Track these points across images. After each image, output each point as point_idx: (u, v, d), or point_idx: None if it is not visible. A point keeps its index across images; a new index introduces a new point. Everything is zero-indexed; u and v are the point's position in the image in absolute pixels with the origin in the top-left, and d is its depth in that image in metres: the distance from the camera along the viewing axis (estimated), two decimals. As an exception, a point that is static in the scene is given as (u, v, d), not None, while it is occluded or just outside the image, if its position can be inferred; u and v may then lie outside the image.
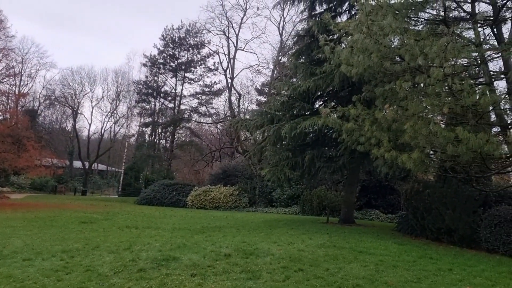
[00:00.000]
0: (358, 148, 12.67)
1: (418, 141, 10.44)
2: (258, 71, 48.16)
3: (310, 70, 17.35)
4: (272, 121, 17.73)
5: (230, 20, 42.21)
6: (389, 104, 11.55)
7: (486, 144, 9.21)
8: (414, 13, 12.77)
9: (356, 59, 11.57)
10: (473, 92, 9.89)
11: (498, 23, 12.08)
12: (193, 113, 50.97)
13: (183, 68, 50.68)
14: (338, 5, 18.45)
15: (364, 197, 24.48)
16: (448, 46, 9.50)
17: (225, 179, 31.05)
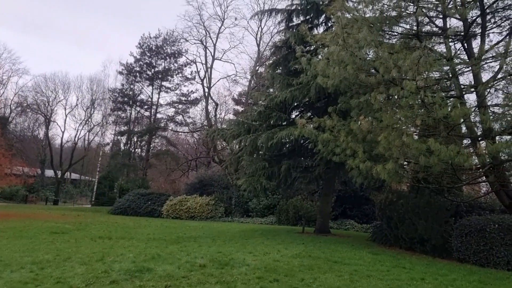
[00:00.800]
0: (334, 159, 12.80)
1: (392, 152, 10.63)
2: (235, 81, 48.26)
3: (287, 80, 17.50)
4: (249, 131, 17.76)
5: (207, 29, 42.35)
6: (364, 115, 11.74)
7: (457, 155, 9.45)
8: (389, 27, 13.07)
9: (332, 70, 11.75)
10: (445, 104, 10.16)
11: (468, 38, 12.46)
12: (170, 122, 50.65)
13: (160, 77, 50.39)
14: (315, 17, 18.72)
15: (340, 207, 24.68)
16: (421, 59, 9.75)
17: (201, 188, 30.86)
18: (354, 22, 12.04)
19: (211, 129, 24.27)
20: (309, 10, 18.43)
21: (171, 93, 51.53)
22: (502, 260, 10.52)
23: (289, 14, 19.25)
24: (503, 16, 12.88)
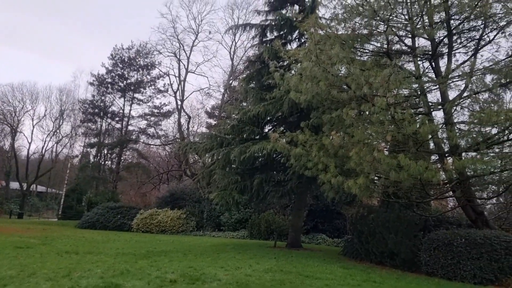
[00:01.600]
0: (306, 173, 12.89)
1: (363, 167, 10.79)
2: (208, 94, 48.19)
3: (260, 95, 17.61)
4: (222, 144, 17.73)
5: (181, 42, 42.32)
6: (336, 130, 11.91)
7: (425, 171, 9.67)
8: (360, 44, 13.37)
9: (305, 86, 11.89)
10: (414, 121, 10.41)
11: (436, 58, 12.88)
12: (141, 135, 50.02)
13: (132, 89, 49.86)
14: (288, 33, 18.98)
15: (311, 221, 24.80)
16: (391, 77, 10.00)
17: (173, 202, 30.49)
18: (327, 39, 12.27)
19: (184, 142, 24.14)
20: (282, 26, 18.68)
21: (144, 105, 51.00)
22: (469, 274, 10.76)
23: (263, 29, 19.46)
24: (468, 37, 13.38)
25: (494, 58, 12.64)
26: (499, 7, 11.97)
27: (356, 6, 12.65)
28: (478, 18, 12.40)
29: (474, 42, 13.09)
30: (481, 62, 12.78)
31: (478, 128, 11.84)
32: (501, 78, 12.17)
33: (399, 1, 12.46)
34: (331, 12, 13.77)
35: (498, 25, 12.43)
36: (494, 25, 12.51)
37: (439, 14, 12.69)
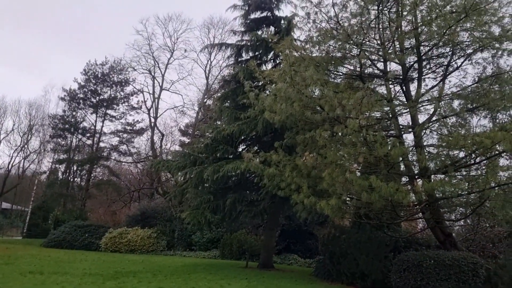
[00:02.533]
0: (279, 193, 12.91)
1: (336, 188, 10.89)
2: (182, 112, 47.93)
3: (234, 114, 17.65)
4: (195, 163, 17.62)
5: (156, 60, 42.20)
6: (309, 151, 12.03)
7: (396, 192, 9.83)
8: (334, 67, 13.65)
9: (279, 106, 12.00)
10: (385, 143, 10.62)
11: (406, 82, 13.25)
12: (113, 151, 49.13)
13: (104, 105, 49.13)
14: (263, 54, 19.21)
15: (284, 241, 24.71)
16: (364, 99, 10.21)
17: (143, 221, 29.91)
18: (302, 61, 12.48)
19: (156, 160, 23.83)
20: (258, 47, 18.91)
21: (116, 122, 50.21)
22: (438, 295, 10.90)
23: (238, 49, 19.64)
24: (437, 63, 13.86)
25: (461, 84, 13.14)
26: (466, 35, 12.48)
27: (330, 29, 12.95)
28: (446, 45, 12.87)
29: (443, 68, 13.56)
30: (449, 87, 13.25)
31: (446, 151, 12.17)
32: (468, 103, 12.62)
33: (371, 27, 12.83)
34: (306, 34, 14.05)
35: (465, 53, 12.93)
36: (461, 52, 13.01)
37: (409, 40, 13.12)
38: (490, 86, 12.50)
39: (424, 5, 12.58)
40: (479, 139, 9.84)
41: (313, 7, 13.12)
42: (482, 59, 12.92)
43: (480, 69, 13.01)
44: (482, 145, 9.93)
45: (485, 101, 11.99)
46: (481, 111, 12.79)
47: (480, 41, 12.14)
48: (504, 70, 12.45)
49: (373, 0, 12.45)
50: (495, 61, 12.74)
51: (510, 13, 11.93)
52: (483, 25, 11.91)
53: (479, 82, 12.71)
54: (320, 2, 12.96)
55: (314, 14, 13.27)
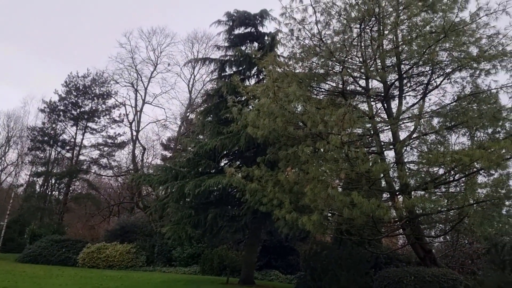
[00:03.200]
0: (261, 209, 12.86)
1: (318, 204, 10.90)
2: (165, 126, 47.63)
3: (217, 129, 17.61)
4: (177, 177, 17.46)
5: (139, 73, 42.01)
6: (291, 167, 12.05)
7: (377, 208, 9.90)
8: (317, 83, 13.79)
9: (262, 121, 12.03)
10: (367, 160, 10.71)
11: (388, 99, 13.44)
12: (93, 165, 48.37)
13: (85, 117, 48.50)
14: (247, 69, 19.28)
15: (265, 257, 24.52)
16: (346, 116, 10.31)
17: (123, 235, 29.38)
18: (285, 77, 12.57)
19: (137, 174, 23.60)
20: (242, 62, 18.98)
21: (97, 135, 49.53)
22: (418, 312, 10.92)
23: (222, 64, 19.69)
24: (417, 81, 14.13)
25: (441, 102, 13.41)
26: (445, 55, 12.79)
27: (313, 46, 13.11)
28: (426, 64, 13.15)
29: (423, 86, 13.82)
30: (429, 105, 13.52)
31: (426, 168, 12.35)
32: (447, 121, 12.87)
33: (354, 44, 13.04)
34: (289, 51, 14.19)
35: (444, 72, 13.23)
36: (440, 71, 13.30)
37: (391, 59, 13.37)
38: (469, 104, 12.78)
39: (405, 25, 12.88)
40: (458, 157, 10.01)
41: (296, 24, 13.30)
42: (461, 78, 13.24)
43: (459, 88, 13.31)
44: (461, 162, 10.09)
45: (464, 119, 12.24)
46: (460, 129, 13.05)
47: (458, 61, 12.44)
48: (482, 90, 12.75)
49: (356, 19, 12.67)
50: (473, 81, 13.05)
51: (487, 35, 12.27)
52: (461, 45, 12.22)
53: (458, 101, 12.99)
54: (304, 20, 13.14)
55: (298, 31, 13.46)
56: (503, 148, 9.83)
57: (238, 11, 19.43)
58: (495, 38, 12.15)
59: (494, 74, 12.54)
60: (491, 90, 12.61)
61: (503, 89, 12.35)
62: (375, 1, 12.22)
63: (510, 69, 12.22)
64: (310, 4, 12.72)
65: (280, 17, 13.52)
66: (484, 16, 11.73)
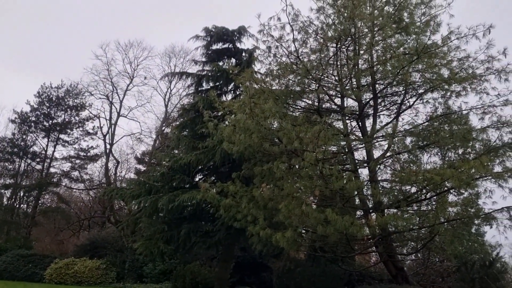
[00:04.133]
0: (235, 225, 12.77)
1: (292, 221, 10.89)
2: (139, 140, 47.02)
3: (193, 143, 17.49)
4: (150, 191, 17.20)
5: (115, 85, 41.53)
6: (266, 183, 12.03)
7: (351, 226, 9.95)
8: (293, 100, 13.90)
9: (237, 137, 12.01)
10: (341, 177, 10.79)
11: (362, 118, 13.64)
12: (64, 178, 47.22)
13: (58, 129, 47.44)
14: (224, 85, 19.31)
15: (238, 273, 24.25)
16: (321, 133, 10.40)
17: (92, 251, 28.63)
18: (261, 93, 12.63)
19: (110, 188, 23.18)
20: (219, 77, 19.00)
21: (69, 147, 48.38)
22: (390, 330, 10.95)
23: (199, 78, 19.66)
24: (391, 101, 14.41)
25: (413, 122, 13.67)
26: (418, 76, 13.10)
27: (290, 64, 13.24)
28: (400, 85, 13.44)
29: (396, 106, 14.09)
30: (402, 124, 13.77)
31: (399, 186, 12.53)
32: (420, 141, 13.13)
33: (330, 63, 13.24)
34: (266, 67, 14.30)
35: (417, 92, 13.53)
36: (413, 92, 13.61)
37: (366, 78, 13.63)
38: (440, 125, 13.09)
39: (380, 46, 13.17)
40: (430, 176, 10.19)
41: (274, 42, 13.42)
42: (433, 99, 13.55)
43: (431, 109, 13.61)
44: (432, 181, 10.28)
45: (436, 139, 12.51)
46: (431, 149, 13.30)
47: (430, 82, 12.76)
48: (453, 111, 13.08)
49: (332, 38, 12.89)
50: (445, 102, 13.38)
51: (458, 58, 12.64)
52: (433, 67, 12.55)
53: (430, 121, 13.28)
54: (281, 37, 13.29)
55: (275, 48, 13.58)
56: (472, 168, 10.05)
57: (216, 26, 19.52)
58: (465, 61, 12.51)
59: (464, 96, 12.90)
60: (462, 111, 12.95)
61: (473, 111, 12.69)
62: (351, 21, 12.46)
63: (479, 92, 12.57)
64: (288, 22, 12.87)
65: (258, 34, 13.65)
66: (455, 39, 12.09)
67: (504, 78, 11.97)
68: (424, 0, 12.80)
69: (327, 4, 13.40)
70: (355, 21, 12.60)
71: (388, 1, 13.25)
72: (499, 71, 11.99)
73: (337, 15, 13.09)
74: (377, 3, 13.36)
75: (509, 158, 11.80)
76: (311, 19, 13.45)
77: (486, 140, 12.46)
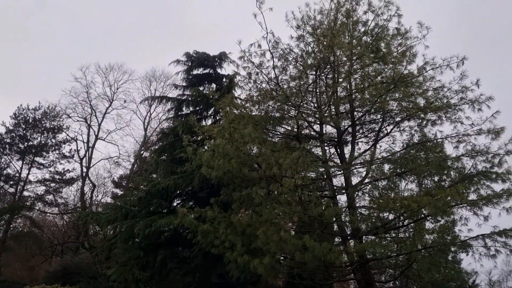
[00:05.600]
0: (212, 251, 12.58)
1: (270, 247, 10.80)
2: (117, 163, 46.34)
3: (171, 168, 17.33)
4: (126, 216, 16.87)
5: (94, 108, 41.16)
6: (245, 208, 11.97)
7: (329, 252, 9.91)
8: (272, 126, 13.98)
9: (217, 162, 11.95)
10: (319, 203, 10.80)
11: (341, 145, 13.78)
12: (38, 201, 45.98)
13: (33, 152, 46.42)
14: (204, 109, 19.31)
15: (215, 301, 23.82)
16: (300, 159, 10.44)
17: (65, 277, 27.66)
18: (241, 118, 12.67)
19: (85, 212, 22.64)
20: (199, 102, 19.03)
21: (44, 170, 47.32)
22: None
23: (179, 103, 19.64)
24: (369, 128, 14.62)
25: (391, 149, 13.87)
26: (395, 104, 13.36)
27: (270, 90, 13.39)
28: (377, 112, 13.67)
29: (374, 133, 14.28)
30: (380, 152, 13.95)
31: (377, 213, 12.59)
32: (397, 168, 13.29)
33: (309, 90, 13.43)
34: (246, 93, 14.42)
35: (394, 120, 13.77)
36: (391, 119, 13.84)
37: (344, 105, 13.83)
38: (417, 152, 13.30)
39: (358, 74, 13.45)
40: (407, 203, 10.29)
41: (254, 68, 13.59)
42: (409, 127, 13.79)
43: (408, 136, 13.84)
44: (409, 208, 10.37)
45: (412, 166, 12.68)
46: (409, 176, 13.47)
47: (407, 111, 13.03)
48: (429, 139, 13.33)
49: (311, 66, 13.12)
50: (421, 130, 13.64)
51: (433, 87, 12.98)
52: (410, 96, 12.84)
53: (407, 149, 13.50)
54: (262, 64, 13.47)
55: (255, 75, 13.74)
56: (448, 196, 10.21)
57: (197, 52, 19.67)
58: (440, 91, 12.84)
59: (440, 124, 13.18)
60: (437, 139, 13.19)
61: (448, 139, 12.94)
62: (330, 50, 12.72)
63: (454, 121, 12.86)
64: (268, 49, 13.07)
65: (239, 60, 13.81)
66: (431, 70, 12.44)
67: (477, 108, 12.28)
68: (401, 32, 13.17)
69: (307, 32, 13.69)
70: (334, 49, 12.87)
71: (366, 31, 13.59)
72: (473, 101, 12.31)
73: (316, 44, 13.35)
74: (356, 33, 13.69)
75: (483, 186, 12.02)
76: (291, 46, 13.70)
77: (461, 168, 12.69)
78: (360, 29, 13.75)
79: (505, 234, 10.77)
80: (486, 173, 12.01)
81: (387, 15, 13.15)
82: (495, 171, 11.93)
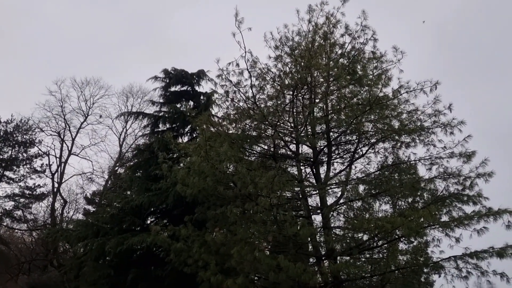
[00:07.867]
0: (185, 270, 12.35)
1: (244, 267, 10.68)
2: (91, 179, 45.40)
3: (146, 185, 17.06)
4: (98, 234, 16.45)
5: (68, 122, 40.40)
6: (219, 227, 11.83)
7: (303, 273, 9.86)
8: (249, 145, 13.98)
9: (192, 180, 11.84)
10: (294, 223, 10.79)
11: (317, 164, 13.85)
12: (5, 217, 44.55)
13: (3, 165, 45.19)
14: (181, 127, 19.19)
15: (187, 323, 23.30)
16: (275, 179, 10.45)
17: (31, 297, 26.84)
18: (218, 136, 12.65)
19: (54, 229, 22.04)
20: (176, 119, 18.90)
21: (14, 185, 46.05)
22: None
23: (156, 119, 19.48)
24: (345, 149, 14.76)
25: (366, 170, 14.02)
26: (370, 126, 13.57)
27: (247, 109, 13.43)
28: (353, 133, 13.84)
29: (350, 154, 14.41)
30: (355, 172, 14.07)
31: (351, 233, 12.64)
32: (372, 189, 13.43)
33: (286, 110, 13.54)
34: (224, 111, 14.43)
35: (369, 142, 13.95)
36: (366, 141, 14.02)
37: (320, 126, 13.96)
38: (391, 174, 13.48)
39: (335, 95, 13.64)
40: (381, 223, 10.37)
41: (232, 86, 13.64)
42: (384, 148, 14.00)
43: (382, 158, 14.03)
44: (383, 229, 10.45)
45: (387, 187, 12.84)
46: (383, 197, 13.61)
47: (382, 132, 13.23)
48: (402, 160, 13.55)
49: (289, 86, 13.25)
50: (395, 152, 13.85)
51: (407, 110, 13.25)
52: (385, 118, 13.07)
53: (381, 170, 13.67)
54: (239, 82, 13.53)
55: (233, 93, 13.79)
56: (421, 217, 10.32)
57: (175, 69, 19.65)
58: (414, 114, 13.10)
59: (413, 146, 13.40)
60: (411, 161, 13.41)
61: (421, 161, 13.15)
62: (308, 71, 12.89)
63: (427, 143, 13.10)
64: (246, 68, 13.14)
65: (217, 78, 13.88)
66: (405, 93, 12.70)
67: (449, 132, 12.56)
68: (376, 55, 13.47)
69: (285, 53, 13.87)
70: (312, 70, 13.05)
71: (343, 53, 13.84)
72: (445, 124, 12.60)
73: (294, 64, 13.51)
74: (333, 55, 13.92)
75: (455, 208, 12.23)
76: (269, 66, 13.84)
77: (433, 190, 12.89)
78: (337, 51, 13.99)
79: (476, 256, 10.91)
80: (458, 195, 12.22)
81: (364, 39, 13.45)
82: (467, 193, 12.16)
